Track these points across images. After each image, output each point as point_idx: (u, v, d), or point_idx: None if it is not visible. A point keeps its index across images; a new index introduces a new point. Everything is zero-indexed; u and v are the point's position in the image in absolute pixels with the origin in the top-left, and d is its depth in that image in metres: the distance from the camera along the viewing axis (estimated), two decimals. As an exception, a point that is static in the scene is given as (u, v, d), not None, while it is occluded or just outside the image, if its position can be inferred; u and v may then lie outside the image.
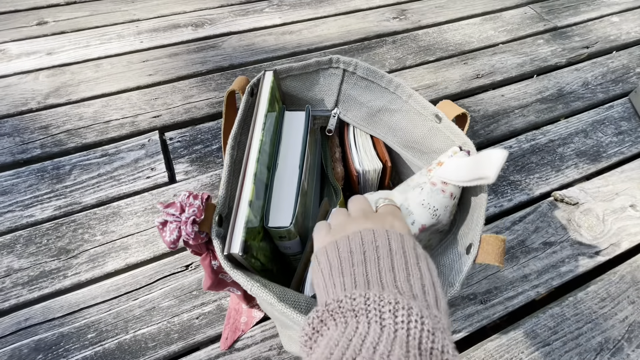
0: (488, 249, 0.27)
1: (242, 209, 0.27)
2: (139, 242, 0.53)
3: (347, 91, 0.40)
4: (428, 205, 0.31)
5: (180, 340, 0.45)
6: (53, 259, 0.51)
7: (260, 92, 0.35)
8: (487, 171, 0.26)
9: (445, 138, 0.35)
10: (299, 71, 0.39)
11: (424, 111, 0.36)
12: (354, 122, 0.42)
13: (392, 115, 0.39)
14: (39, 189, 0.58)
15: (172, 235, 0.26)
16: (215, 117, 0.70)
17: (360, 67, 0.38)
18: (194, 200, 0.26)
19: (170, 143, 0.65)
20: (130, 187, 0.59)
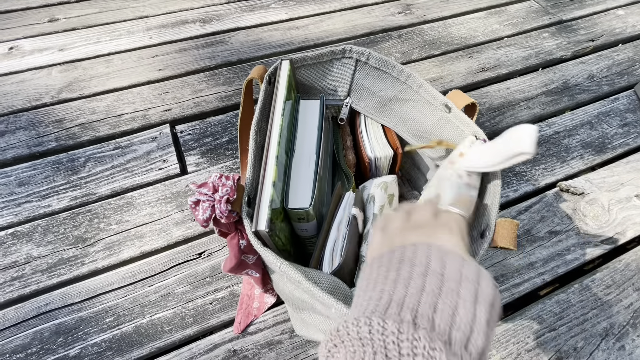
0: (503, 233, 0.27)
1: (266, 189, 0.28)
2: (152, 231, 0.54)
3: (360, 81, 0.41)
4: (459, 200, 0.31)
5: (195, 324, 0.46)
6: (70, 247, 0.52)
7: (278, 80, 0.36)
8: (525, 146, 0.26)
9: (454, 128, 0.36)
10: (313, 60, 0.40)
11: (434, 101, 0.37)
12: (366, 111, 0.43)
13: (403, 105, 0.40)
14: (55, 180, 0.59)
15: (205, 214, 0.27)
16: (224, 111, 0.71)
17: (373, 57, 0.39)
18: (226, 181, 0.27)
19: (181, 136, 0.66)
20: (144, 179, 0.60)
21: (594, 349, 0.46)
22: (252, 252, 0.33)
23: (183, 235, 0.54)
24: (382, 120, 0.42)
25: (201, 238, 0.54)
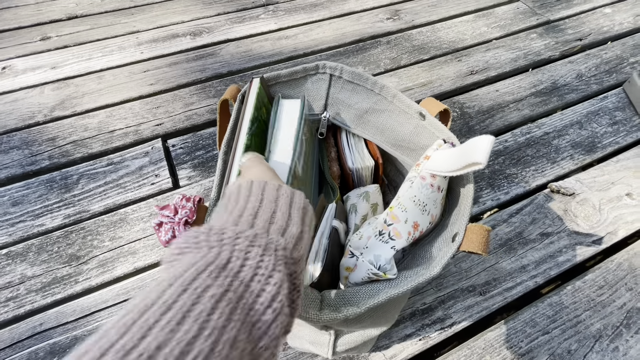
0: (472, 238, 0.28)
1: None
2: (146, 246, 0.55)
3: (335, 95, 0.42)
4: (418, 202, 0.32)
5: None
6: (64, 266, 0.53)
7: (247, 99, 0.36)
8: (478, 156, 0.27)
9: (430, 134, 0.37)
10: (287, 77, 0.40)
11: (409, 110, 0.38)
12: (344, 124, 0.43)
13: (379, 116, 0.40)
14: (49, 198, 0.60)
15: (166, 235, 0.27)
16: (216, 123, 0.72)
17: (346, 71, 0.40)
18: (186, 203, 0.28)
19: (172, 150, 0.67)
20: (136, 194, 0.61)
21: (588, 351, 0.46)
22: None
23: (176, 250, 0.54)
24: (361, 132, 0.43)
25: (194, 252, 0.54)
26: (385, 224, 0.31)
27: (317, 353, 0.41)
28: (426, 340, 0.47)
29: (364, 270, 0.30)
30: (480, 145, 0.27)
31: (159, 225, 0.28)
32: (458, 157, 0.30)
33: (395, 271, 0.30)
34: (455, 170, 0.30)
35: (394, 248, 0.30)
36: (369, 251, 0.30)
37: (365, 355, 0.46)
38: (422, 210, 0.32)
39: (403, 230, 0.31)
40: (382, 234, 0.31)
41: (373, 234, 0.31)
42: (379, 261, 0.30)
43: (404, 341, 0.47)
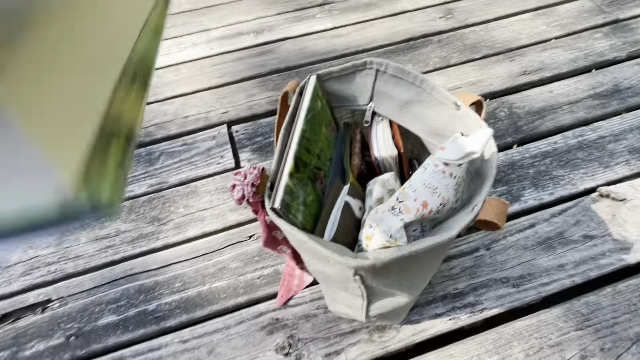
0: (489, 209, 0.32)
1: (284, 177, 0.35)
2: (212, 215, 0.64)
3: (380, 88, 0.47)
4: (429, 185, 0.36)
5: (245, 294, 0.55)
6: (148, 225, 0.64)
7: (305, 92, 0.43)
8: (474, 146, 0.32)
9: (464, 123, 0.40)
10: (338, 73, 0.46)
11: (445, 100, 0.42)
12: (386, 113, 0.48)
13: (419, 106, 0.45)
14: (136, 170, 0.72)
15: (238, 194, 0.35)
16: (273, 113, 0.80)
17: (391, 67, 0.45)
18: (253, 170, 0.35)
19: (235, 135, 0.76)
20: (205, 171, 0.71)
21: (623, 352, 0.47)
22: (278, 228, 0.39)
23: (236, 220, 0.63)
24: (401, 120, 0.47)
25: (251, 223, 0.63)
26: (397, 201, 0.36)
27: (353, 316, 0.47)
28: (455, 321, 0.51)
29: (380, 239, 0.35)
30: (479, 137, 0.32)
31: (232, 187, 0.35)
32: (462, 147, 0.34)
33: (405, 239, 0.34)
34: (460, 158, 0.34)
35: (402, 220, 0.34)
36: (383, 222, 0.35)
37: (397, 327, 0.51)
38: (432, 192, 0.36)
39: (412, 207, 0.35)
40: (394, 208, 0.36)
41: (387, 209, 0.36)
42: (390, 230, 0.34)
43: (434, 319, 0.51)
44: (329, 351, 0.49)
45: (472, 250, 0.57)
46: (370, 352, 0.49)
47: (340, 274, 0.33)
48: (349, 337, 0.50)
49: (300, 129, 0.39)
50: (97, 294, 0.57)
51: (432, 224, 0.39)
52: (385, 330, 0.50)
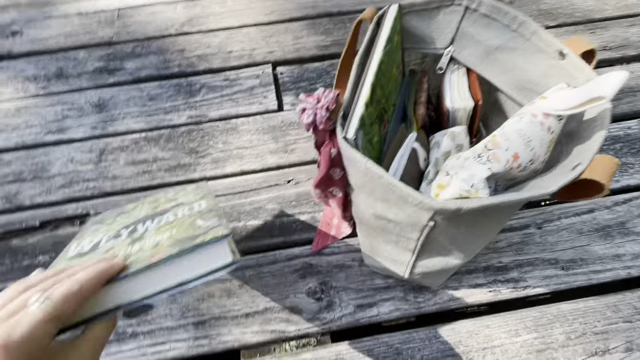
0: (597, 167, 0.28)
1: (359, 106, 0.32)
2: (251, 154, 0.62)
3: (465, 29, 0.41)
4: (524, 136, 0.32)
5: (280, 236, 0.54)
6: (186, 156, 0.62)
7: (384, 22, 0.38)
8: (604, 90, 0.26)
9: (567, 75, 0.35)
10: (420, 7, 0.41)
11: (548, 48, 0.36)
12: (467, 60, 0.43)
13: (509, 54, 0.39)
14: (177, 100, 0.70)
15: (308, 119, 0.32)
16: (321, 59, 0.75)
17: (485, 4, 0.39)
18: (328, 94, 0.32)
19: (280, 77, 0.72)
20: (247, 109, 0.68)
21: (673, 350, 0.44)
22: (339, 165, 0.36)
23: (276, 163, 0.61)
24: (483, 70, 0.42)
25: (291, 168, 0.60)
26: (485, 148, 0.32)
27: (394, 271, 0.45)
28: (496, 294, 0.49)
29: (457, 187, 0.32)
30: (610, 80, 0.26)
31: (302, 110, 0.32)
32: (580, 93, 0.29)
33: (487, 192, 0.31)
34: (573, 107, 0.29)
35: (490, 170, 0.31)
36: (464, 170, 0.32)
37: (433, 290, 0.49)
38: (526, 145, 0.32)
39: (502, 157, 0.31)
40: (481, 156, 0.32)
41: (472, 156, 0.33)
42: (472, 179, 0.31)
43: (474, 288, 0.49)
44: (361, 302, 0.48)
45: (522, 227, 0.54)
46: (403, 309, 0.48)
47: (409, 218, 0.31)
48: (382, 292, 0.49)
49: (378, 59, 0.35)
50: (133, 215, 0.57)
51: (506, 184, 0.36)
52: (421, 291, 0.49)
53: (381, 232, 0.38)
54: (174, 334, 0.47)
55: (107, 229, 0.37)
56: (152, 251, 0.28)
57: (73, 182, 0.60)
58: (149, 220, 0.35)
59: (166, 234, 0.30)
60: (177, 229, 0.31)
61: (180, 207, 0.37)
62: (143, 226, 0.34)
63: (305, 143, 0.63)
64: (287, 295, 0.49)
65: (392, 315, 0.47)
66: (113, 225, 0.38)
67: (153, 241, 0.30)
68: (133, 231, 0.34)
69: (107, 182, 0.60)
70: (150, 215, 0.37)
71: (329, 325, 0.47)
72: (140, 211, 0.40)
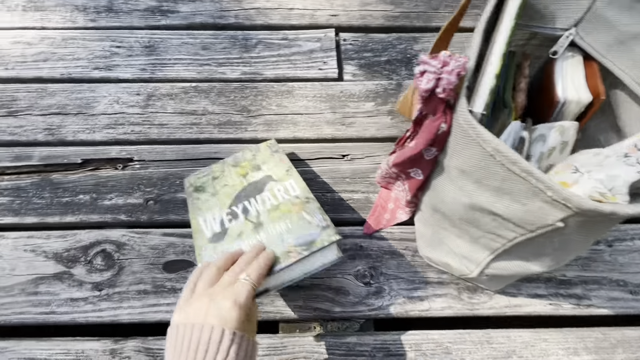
0: None
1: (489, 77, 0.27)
2: (306, 122, 0.58)
3: (600, 10, 0.36)
4: None
5: (330, 212, 0.51)
6: (237, 113, 0.59)
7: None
8: None
9: None
10: None
11: None
12: (591, 47, 0.37)
13: None
14: (231, 53, 0.65)
15: (428, 84, 0.27)
16: (388, 31, 0.69)
17: None
18: (459, 58, 0.27)
19: (343, 44, 0.67)
20: (304, 73, 0.63)
21: None
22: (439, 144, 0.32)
23: (332, 135, 0.57)
24: (611, 60, 0.36)
25: (347, 142, 0.57)
26: (635, 147, 0.28)
27: (457, 267, 0.42)
28: (556, 308, 0.45)
29: (588, 187, 0.28)
30: None
31: (421, 73, 0.28)
32: None
33: (627, 198, 0.27)
34: None
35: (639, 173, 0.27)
36: (603, 169, 0.28)
37: (489, 293, 0.46)
38: None
39: None
40: (629, 156, 0.28)
41: (614, 155, 0.28)
42: (613, 182, 0.27)
43: (533, 298, 0.46)
44: (412, 295, 0.46)
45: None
46: (456, 309, 0.45)
47: (528, 214, 0.27)
48: (435, 287, 0.46)
49: (510, 25, 0.30)
50: (178, 167, 0.54)
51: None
52: (476, 292, 0.46)
53: (464, 224, 0.35)
54: (213, 296, 0.45)
55: (218, 202, 0.44)
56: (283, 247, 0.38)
57: (118, 123, 0.57)
58: (252, 199, 0.43)
59: (283, 226, 0.40)
60: (290, 220, 0.40)
61: (271, 182, 0.44)
62: (251, 206, 0.42)
63: (364, 118, 0.59)
64: (334, 274, 0.47)
65: (444, 313, 0.45)
66: (220, 196, 0.44)
67: (277, 232, 0.39)
68: (245, 211, 0.42)
69: (153, 128, 0.57)
70: (248, 191, 0.44)
71: (376, 312, 0.44)
72: (231, 177, 0.46)
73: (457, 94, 0.28)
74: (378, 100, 0.60)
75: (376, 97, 0.61)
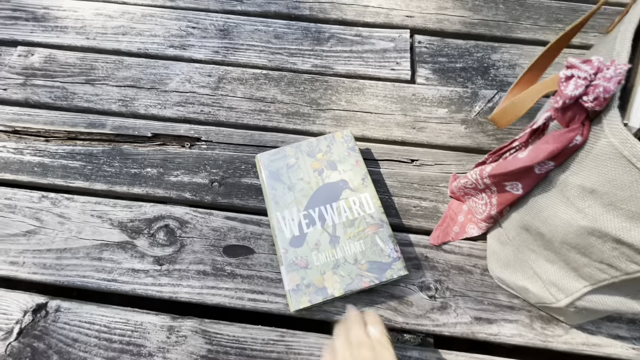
0: None
1: None
2: (375, 121, 0.56)
3: None
4: None
5: (396, 216, 0.49)
6: (306, 105, 0.58)
7: None
8: None
9: None
10: None
11: None
12: None
13: None
14: (303, 44, 0.64)
15: (575, 91, 0.25)
16: (465, 37, 0.67)
17: None
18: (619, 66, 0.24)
19: (417, 46, 0.65)
20: (376, 72, 0.61)
21: None
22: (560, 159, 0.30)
23: (402, 137, 0.55)
24: None
25: (418, 147, 0.54)
26: None
27: (537, 294, 0.39)
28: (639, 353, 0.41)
29: None
30: None
31: (568, 78, 0.25)
32: None
33: None
34: None
35: None
36: None
37: (565, 326, 0.42)
38: None
39: None
40: None
41: None
42: None
43: (613, 339, 0.42)
44: (480, 315, 0.43)
45: (682, 286, 0.45)
46: (528, 338, 0.42)
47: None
48: (506, 311, 0.43)
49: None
50: (244, 152, 0.53)
51: None
52: (549, 323, 0.42)
53: (566, 249, 0.32)
54: (272, 287, 0.44)
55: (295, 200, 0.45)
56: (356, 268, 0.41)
57: (188, 102, 0.58)
58: (328, 206, 0.44)
59: (358, 247, 0.42)
60: (364, 242, 0.43)
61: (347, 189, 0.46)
62: (327, 213, 0.44)
63: (437, 124, 0.56)
64: (397, 282, 0.44)
65: (514, 340, 0.42)
66: (296, 193, 0.45)
67: (352, 253, 0.42)
68: (322, 218, 0.44)
69: (222, 111, 0.57)
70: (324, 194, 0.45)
71: (441, 328, 0.42)
72: (306, 170, 0.47)
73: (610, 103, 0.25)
74: (452, 108, 0.58)
75: (450, 103, 0.58)
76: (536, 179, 0.32)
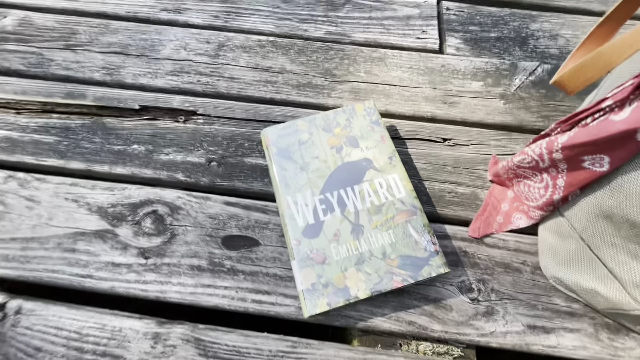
0: None
1: None
2: (400, 95, 0.49)
3: None
4: None
5: (427, 204, 0.41)
6: (320, 76, 0.50)
7: None
8: None
9: None
10: None
11: None
12: None
13: None
14: (315, 9, 0.57)
15: None
16: (499, 4, 0.59)
17: None
18: None
19: (446, 13, 0.57)
20: (399, 41, 0.54)
21: None
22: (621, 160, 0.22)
23: (431, 114, 0.47)
24: None
25: (450, 124, 0.47)
26: None
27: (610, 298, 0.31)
28: None
29: None
30: None
31: None
32: None
33: None
34: None
35: None
36: None
37: (636, 337, 0.35)
38: None
39: None
40: None
41: None
42: None
43: (697, 354, 0.34)
44: (534, 323, 0.35)
45: None
46: (594, 351, 0.34)
47: None
48: (565, 318, 0.35)
49: None
50: (248, 128, 0.46)
51: None
52: (618, 333, 0.35)
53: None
54: (281, 286, 0.36)
55: (309, 182, 0.37)
56: (384, 264, 0.34)
57: (184, 71, 0.50)
58: (349, 189, 0.37)
59: (387, 238, 0.35)
60: (394, 232, 0.35)
61: (371, 169, 0.38)
62: (348, 198, 0.36)
63: (471, 99, 0.48)
64: (432, 282, 0.37)
65: (577, 354, 0.34)
66: (310, 174, 0.38)
67: (379, 245, 0.34)
68: (341, 203, 0.36)
69: (222, 81, 0.49)
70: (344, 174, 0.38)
71: (487, 339, 0.34)
72: (322, 147, 0.39)
73: None
74: (488, 81, 0.50)
75: (486, 76, 0.50)
76: (635, 149, 0.24)
